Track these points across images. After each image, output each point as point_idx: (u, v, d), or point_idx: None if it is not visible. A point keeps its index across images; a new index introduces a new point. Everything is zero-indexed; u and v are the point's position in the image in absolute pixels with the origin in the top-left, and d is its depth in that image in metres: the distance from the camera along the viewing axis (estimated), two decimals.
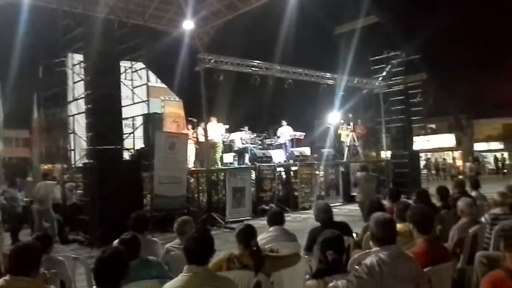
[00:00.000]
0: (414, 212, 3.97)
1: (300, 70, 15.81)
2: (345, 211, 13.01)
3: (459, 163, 34.02)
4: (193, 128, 14.68)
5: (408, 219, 3.97)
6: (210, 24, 13.20)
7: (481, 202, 7.02)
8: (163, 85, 17.49)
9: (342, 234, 3.61)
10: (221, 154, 14.78)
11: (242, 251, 3.72)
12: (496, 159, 34.69)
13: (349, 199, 15.13)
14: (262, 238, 4.61)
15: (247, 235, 3.80)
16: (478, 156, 34.37)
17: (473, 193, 7.37)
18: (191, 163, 13.78)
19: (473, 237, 5.03)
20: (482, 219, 5.52)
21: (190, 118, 15.29)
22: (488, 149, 37.26)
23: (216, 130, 14.18)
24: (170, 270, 3.88)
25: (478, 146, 36.77)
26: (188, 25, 12.57)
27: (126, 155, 11.31)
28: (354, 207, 12.68)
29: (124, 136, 10.72)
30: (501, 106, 35.24)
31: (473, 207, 5.47)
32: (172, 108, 16.64)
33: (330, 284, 2.98)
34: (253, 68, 14.44)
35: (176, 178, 11.06)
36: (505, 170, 32.54)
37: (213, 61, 13.27)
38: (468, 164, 25.13)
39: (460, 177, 13.60)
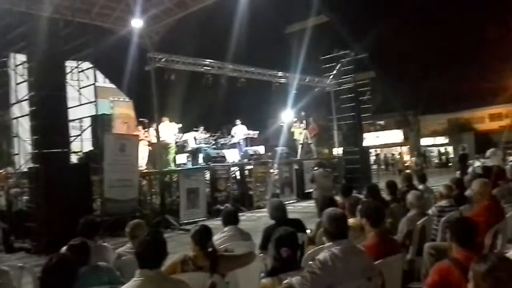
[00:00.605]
0: (365, 206, 4.07)
1: (252, 69, 15.84)
2: (299, 208, 13.17)
3: (406, 158, 35.28)
4: (144, 129, 14.37)
5: (360, 214, 4.05)
6: (160, 22, 12.93)
7: (428, 195, 7.28)
8: (112, 85, 17.05)
9: (296, 231, 3.64)
10: (174, 155, 14.56)
11: (197, 252, 3.68)
12: (440, 153, 36.20)
13: (303, 196, 15.32)
14: (217, 239, 4.57)
15: (203, 236, 3.76)
16: (425, 151, 35.84)
17: (420, 187, 7.64)
18: (143, 165, 13.51)
19: (421, 229, 5.20)
20: (429, 212, 5.71)
21: (141, 119, 14.96)
22: (434, 143, 38.91)
23: (168, 131, 13.95)
24: (122, 275, 3.79)
25: (424, 141, 38.30)
26: (136, 23, 12.27)
27: (74, 159, 10.95)
28: (308, 204, 12.89)
29: (71, 138, 10.36)
30: (446, 102, 36.92)
31: (421, 200, 5.67)
32: (121, 109, 16.25)
33: (285, 281, 2.98)
34: (205, 67, 14.32)
35: (127, 181, 10.81)
36: (450, 164, 34.00)
37: (163, 60, 13.06)
38: (414, 158, 26.10)
39: (408, 171, 14.12)
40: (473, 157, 22.45)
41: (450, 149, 36.91)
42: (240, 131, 16.33)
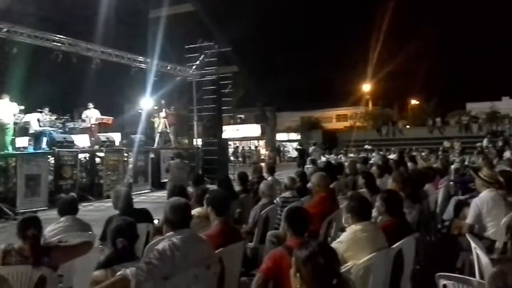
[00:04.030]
0: (211, 196, 4.12)
1: (109, 50, 14.92)
2: (153, 198, 12.92)
3: (263, 151, 37.03)
4: None
5: (206, 203, 4.07)
6: None
7: (275, 186, 7.65)
8: None
9: (137, 221, 3.52)
10: (12, 137, 12.98)
11: (22, 243, 3.40)
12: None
13: (158, 186, 15.03)
14: (51, 229, 4.32)
15: (27, 225, 3.46)
16: (279, 145, 37.99)
17: (269, 178, 7.99)
18: None
19: (265, 218, 5.44)
20: (275, 202, 6.00)
21: None
22: (288, 139, 41.48)
23: (6, 110, 12.37)
24: None
25: (280, 136, 40.60)
26: None
27: None
28: (163, 194, 12.66)
29: None
30: (300, 101, 39.78)
31: (273, 189, 5.94)
32: None
33: (118, 273, 2.87)
34: (54, 43, 13.05)
35: None
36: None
37: (5, 30, 11.59)
38: (268, 152, 27.59)
39: (262, 164, 14.78)
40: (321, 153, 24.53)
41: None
42: (92, 115, 15.26)
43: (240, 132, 40.75)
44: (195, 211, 4.63)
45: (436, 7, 37.16)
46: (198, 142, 19.34)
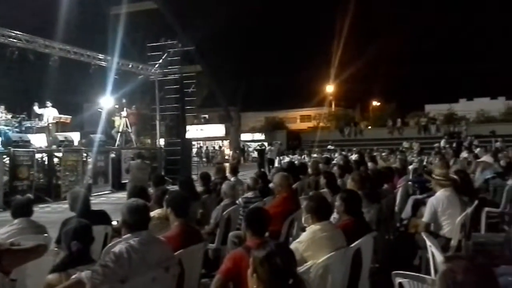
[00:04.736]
0: (171, 197, 4.09)
1: (68, 47, 14.48)
2: (113, 199, 12.66)
3: (227, 151, 36.91)
4: None
5: (166, 204, 4.02)
6: None
7: (237, 186, 7.63)
8: None
9: (95, 223, 3.45)
10: None
11: None
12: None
13: (119, 187, 14.73)
14: (3, 232, 4.17)
15: None
16: (244, 145, 38.01)
17: (232, 179, 7.97)
18: None
19: (227, 219, 5.41)
20: (237, 202, 5.99)
21: None
22: (252, 139, 41.56)
23: None
24: None
25: (244, 137, 40.61)
26: None
27: None
28: (124, 195, 12.40)
29: None
30: (265, 102, 39.95)
31: (234, 189, 5.93)
32: None
33: (73, 276, 2.80)
34: (10, 39, 12.55)
35: None
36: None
37: None
38: (231, 152, 27.55)
39: (226, 164, 14.73)
40: (285, 153, 24.80)
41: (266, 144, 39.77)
42: (50, 114, 14.76)
43: (204, 132, 40.51)
44: (155, 213, 4.57)
45: (395, 12, 38.24)
46: (160, 142, 19.05)
